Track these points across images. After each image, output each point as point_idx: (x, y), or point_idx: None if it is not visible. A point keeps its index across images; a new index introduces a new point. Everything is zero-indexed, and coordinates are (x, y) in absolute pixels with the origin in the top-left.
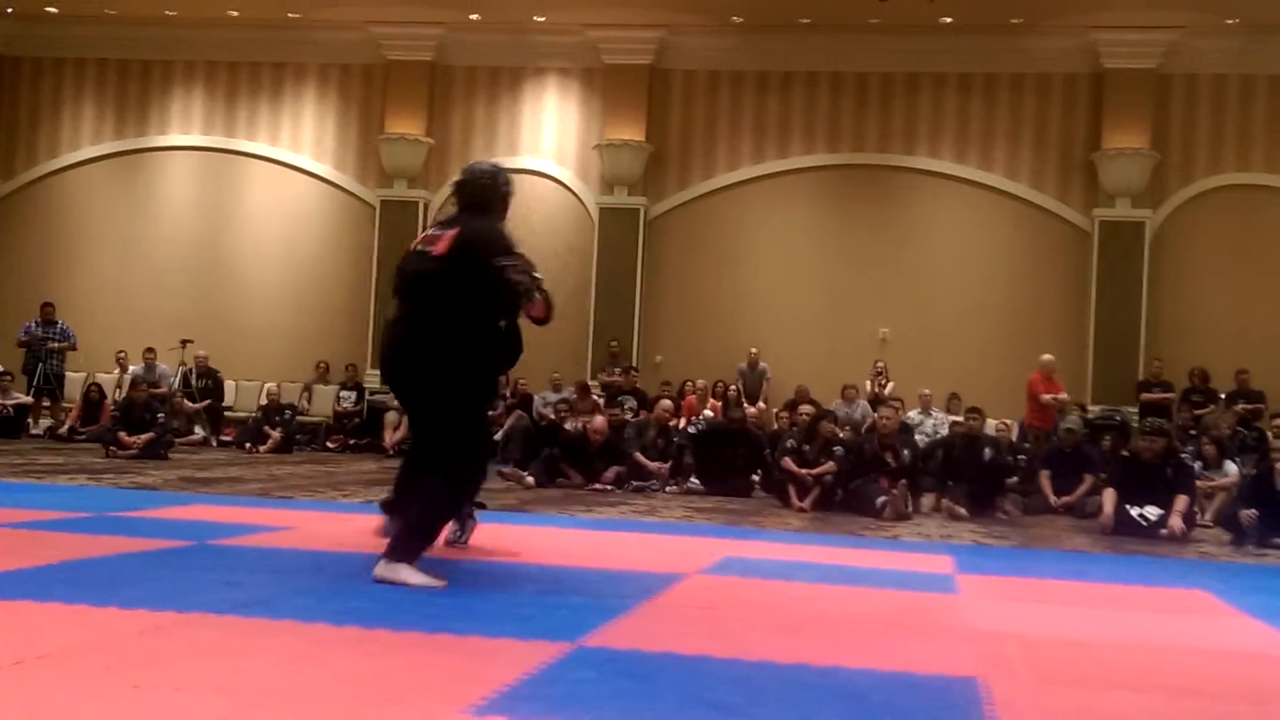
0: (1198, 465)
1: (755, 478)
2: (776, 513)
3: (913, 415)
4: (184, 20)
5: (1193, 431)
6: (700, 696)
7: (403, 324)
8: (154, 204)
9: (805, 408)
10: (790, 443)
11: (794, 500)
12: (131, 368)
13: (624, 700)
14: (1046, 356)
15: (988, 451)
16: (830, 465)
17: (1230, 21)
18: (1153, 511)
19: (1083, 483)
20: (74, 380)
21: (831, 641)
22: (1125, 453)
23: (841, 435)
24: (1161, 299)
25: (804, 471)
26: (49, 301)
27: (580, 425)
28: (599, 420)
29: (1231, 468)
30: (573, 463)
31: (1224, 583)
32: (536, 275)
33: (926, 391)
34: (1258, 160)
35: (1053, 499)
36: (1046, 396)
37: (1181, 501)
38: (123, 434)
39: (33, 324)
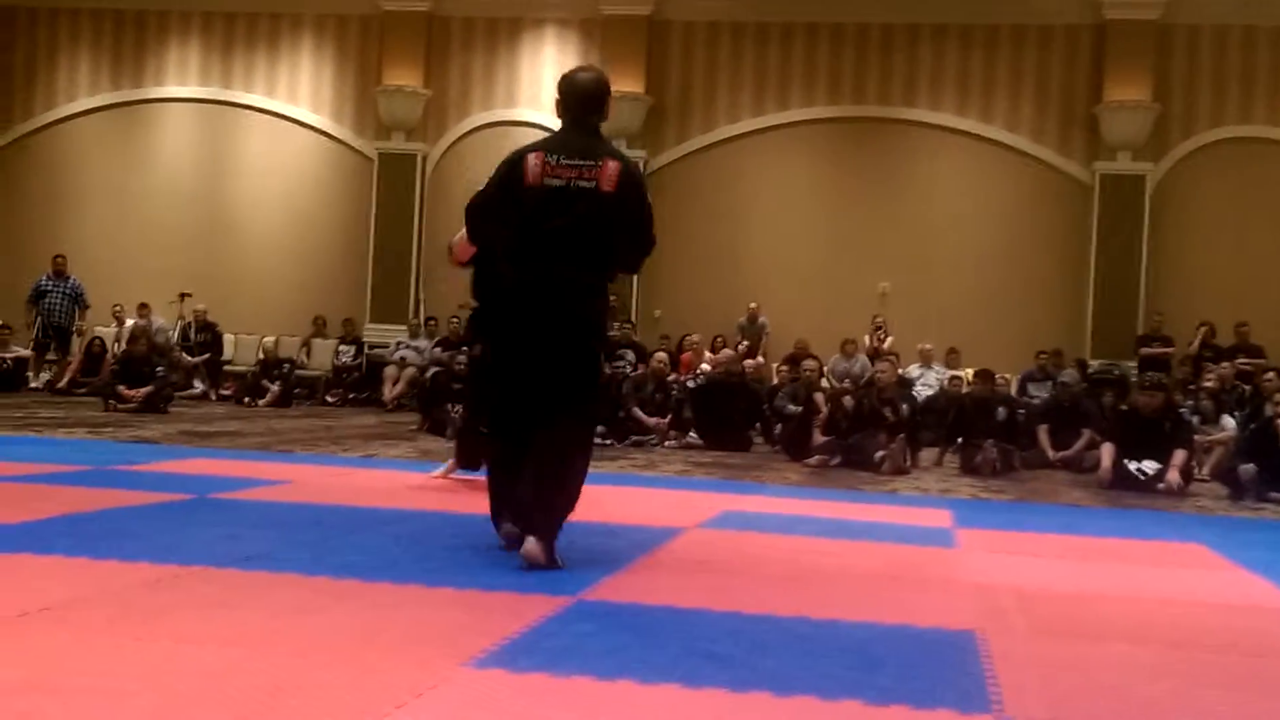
0: (1196, 420)
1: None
2: (775, 467)
3: (912, 369)
4: None
5: (1192, 386)
6: (700, 648)
7: None
8: (151, 156)
9: (809, 362)
10: (783, 396)
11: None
12: (129, 321)
13: (623, 653)
14: None
15: (1001, 410)
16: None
17: None
18: (1151, 466)
19: (1080, 437)
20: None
21: (830, 595)
22: (1124, 407)
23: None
24: (1162, 253)
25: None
26: (60, 254)
27: None
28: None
29: (1229, 422)
30: None
31: (1221, 536)
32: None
33: (928, 346)
34: (1259, 113)
35: (1051, 453)
36: None
37: (1179, 456)
38: (122, 388)
39: (44, 277)
